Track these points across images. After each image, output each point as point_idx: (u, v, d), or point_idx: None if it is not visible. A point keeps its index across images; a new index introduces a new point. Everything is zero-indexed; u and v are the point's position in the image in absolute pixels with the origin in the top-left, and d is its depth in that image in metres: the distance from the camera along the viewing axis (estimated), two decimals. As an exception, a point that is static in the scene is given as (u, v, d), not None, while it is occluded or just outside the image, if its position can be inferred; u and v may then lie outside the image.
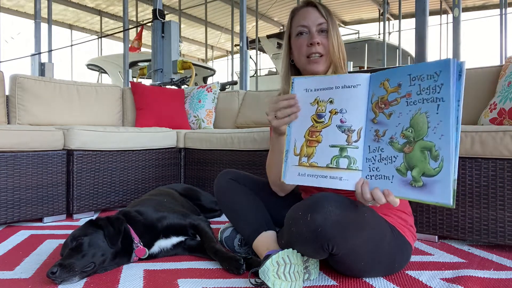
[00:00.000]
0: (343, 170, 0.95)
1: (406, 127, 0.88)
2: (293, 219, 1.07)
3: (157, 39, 4.16)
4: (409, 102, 0.88)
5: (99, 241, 1.26)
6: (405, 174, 0.88)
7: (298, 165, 1.02)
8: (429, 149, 0.84)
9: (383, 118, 0.92)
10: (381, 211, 1.18)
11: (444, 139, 0.81)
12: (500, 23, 6.84)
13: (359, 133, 0.95)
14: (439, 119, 0.82)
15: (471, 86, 2.07)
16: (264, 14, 11.14)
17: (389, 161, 0.90)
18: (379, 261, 1.16)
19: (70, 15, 11.85)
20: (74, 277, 1.17)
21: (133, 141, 2.35)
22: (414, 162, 0.86)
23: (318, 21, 1.28)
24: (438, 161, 0.82)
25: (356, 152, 0.95)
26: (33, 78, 2.58)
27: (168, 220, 1.46)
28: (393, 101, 0.91)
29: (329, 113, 0.99)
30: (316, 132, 1.01)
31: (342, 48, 1.30)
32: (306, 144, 1.02)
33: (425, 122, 0.85)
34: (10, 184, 1.90)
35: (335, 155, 0.97)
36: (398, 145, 0.89)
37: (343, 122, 0.97)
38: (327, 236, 1.00)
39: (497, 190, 1.49)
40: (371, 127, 0.94)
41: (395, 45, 9.37)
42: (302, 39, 1.29)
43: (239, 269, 1.25)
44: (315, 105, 1.02)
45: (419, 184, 0.85)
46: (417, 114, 0.86)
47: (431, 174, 0.83)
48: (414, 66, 0.88)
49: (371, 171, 0.93)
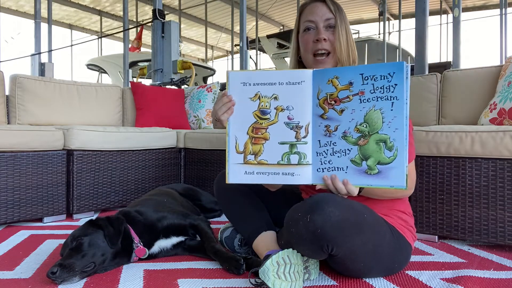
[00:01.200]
0: (295, 166, 1.00)
1: (360, 122, 0.95)
2: (293, 220, 1.07)
3: (157, 39, 4.16)
4: (362, 100, 0.95)
5: (99, 241, 1.26)
6: (360, 164, 0.96)
7: (244, 163, 1.03)
8: (384, 141, 0.93)
9: (333, 114, 0.98)
10: (381, 212, 1.18)
11: (398, 132, 0.92)
12: (500, 23, 6.84)
13: (307, 129, 1.00)
14: (393, 115, 0.92)
15: (471, 86, 2.07)
16: (264, 14, 11.14)
17: (342, 153, 0.97)
18: (379, 262, 1.16)
19: (70, 15, 11.85)
20: (74, 277, 1.17)
21: (133, 141, 2.35)
22: (370, 152, 0.95)
23: (326, 16, 1.24)
24: (392, 151, 0.93)
25: (306, 147, 0.99)
26: (33, 78, 2.58)
27: (168, 220, 1.46)
28: (345, 98, 0.97)
29: (275, 110, 1.01)
30: (262, 129, 1.02)
31: (351, 46, 1.26)
32: (251, 142, 1.03)
33: (380, 118, 0.94)
34: (10, 184, 1.90)
35: (285, 152, 1.00)
36: (352, 138, 0.96)
37: (290, 119, 1.00)
38: (326, 237, 1.00)
39: (497, 190, 1.49)
40: (320, 123, 0.99)
41: (395, 45, 9.37)
42: (309, 35, 1.26)
43: (239, 269, 1.25)
44: (256, 101, 1.03)
45: (374, 171, 0.94)
46: (371, 111, 0.94)
47: (386, 162, 0.93)
48: (366, 66, 0.95)
49: (323, 164, 0.99)
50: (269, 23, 12.12)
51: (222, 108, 1.04)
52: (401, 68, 0.91)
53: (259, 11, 10.05)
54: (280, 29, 12.42)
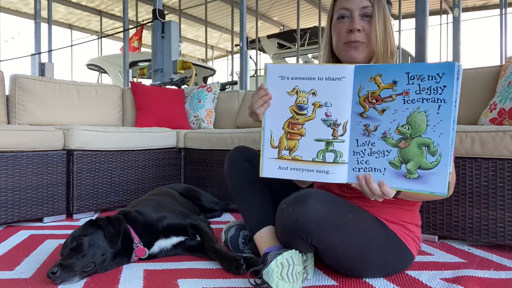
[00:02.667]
0: (330, 164, 0.97)
1: (402, 124, 0.90)
2: (279, 211, 1.09)
3: (157, 39, 4.16)
4: (406, 100, 0.90)
5: (99, 241, 1.26)
6: (399, 167, 0.92)
7: (278, 158, 1.01)
8: (427, 145, 0.88)
9: (374, 113, 0.93)
10: (384, 217, 1.18)
11: (444, 136, 0.86)
12: (500, 23, 6.84)
13: (345, 127, 0.96)
14: (439, 118, 0.86)
15: (471, 86, 2.07)
16: (264, 14, 11.14)
17: (381, 154, 0.93)
18: (367, 263, 1.15)
19: (70, 15, 11.85)
20: (74, 277, 1.17)
21: (133, 141, 2.35)
22: (410, 156, 0.90)
23: (363, 4, 1.13)
24: (435, 156, 0.87)
25: (342, 146, 0.96)
26: (33, 78, 2.58)
27: (168, 220, 1.46)
28: (387, 98, 0.92)
29: (313, 105, 0.97)
30: (298, 124, 0.99)
31: (390, 38, 1.16)
32: (286, 137, 1.01)
33: (424, 121, 0.88)
34: (10, 184, 1.90)
35: (321, 149, 0.97)
36: (393, 140, 0.92)
37: (328, 116, 0.97)
38: (305, 229, 1.02)
39: (497, 190, 1.49)
40: (359, 121, 0.95)
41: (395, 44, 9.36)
42: (342, 24, 1.16)
43: (239, 269, 1.25)
44: (294, 95, 0.99)
45: (414, 176, 0.90)
46: (415, 112, 0.89)
47: (428, 167, 0.88)
48: (413, 65, 0.89)
49: (359, 164, 0.95)
50: (269, 23, 12.11)
51: (259, 102, 1.01)
52: (452, 69, 0.84)
53: (259, 11, 10.05)
54: (280, 29, 12.41)
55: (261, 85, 1.03)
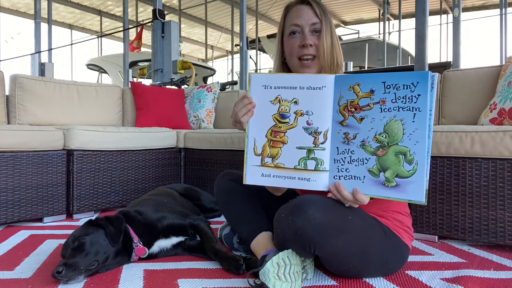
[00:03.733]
0: (311, 172, 0.98)
1: (380, 132, 0.92)
2: (277, 220, 1.10)
3: (157, 39, 4.16)
4: (383, 109, 0.92)
5: (100, 240, 1.27)
6: (377, 175, 0.93)
7: (261, 165, 1.03)
8: (404, 154, 0.90)
9: (353, 121, 0.95)
10: (376, 213, 1.18)
11: (419, 145, 0.88)
12: (500, 23, 6.84)
13: (326, 135, 0.98)
14: (415, 127, 0.88)
15: (471, 86, 2.07)
16: (264, 14, 11.14)
17: (360, 162, 0.95)
18: (369, 263, 1.16)
19: (70, 15, 11.85)
20: (79, 276, 1.18)
21: (133, 141, 2.35)
22: (388, 164, 0.92)
23: (312, 20, 1.22)
24: (412, 165, 0.89)
25: (323, 154, 0.97)
26: (33, 78, 2.58)
27: (167, 220, 1.46)
28: (365, 106, 0.94)
29: (294, 114, 1.00)
30: (280, 132, 1.01)
31: (335, 50, 1.24)
32: (269, 144, 1.02)
33: (401, 129, 0.90)
34: (10, 184, 1.90)
35: (302, 157, 0.99)
36: (371, 148, 0.94)
37: (309, 124, 0.99)
38: (307, 239, 1.02)
39: (497, 190, 1.49)
40: (339, 129, 0.97)
41: (395, 45, 9.37)
42: (294, 39, 1.24)
43: (238, 269, 1.25)
44: (276, 104, 1.02)
45: (392, 184, 0.91)
46: (392, 121, 0.91)
47: (405, 175, 0.90)
48: (389, 74, 0.92)
49: (340, 172, 0.97)
50: (269, 23, 12.11)
51: (243, 110, 1.04)
52: (425, 78, 0.87)
53: (259, 11, 10.05)
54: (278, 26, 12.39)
55: (245, 94, 1.06)
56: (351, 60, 6.40)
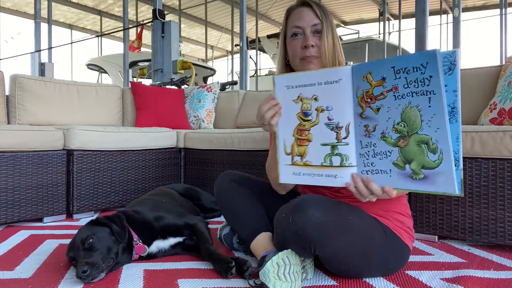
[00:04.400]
0: (337, 168, 0.95)
1: (398, 121, 0.86)
2: (277, 220, 1.10)
3: (157, 39, 4.16)
4: (396, 96, 0.86)
5: (108, 237, 1.28)
6: (403, 167, 0.87)
7: (292, 164, 1.02)
8: (426, 143, 0.83)
9: (371, 112, 0.90)
10: (377, 213, 1.18)
11: (441, 132, 0.80)
12: (500, 23, 6.84)
13: (347, 129, 0.94)
14: (432, 112, 0.81)
15: (471, 86, 2.07)
16: (264, 14, 11.14)
17: (383, 155, 0.89)
18: (369, 263, 1.16)
19: (70, 15, 11.85)
20: (102, 273, 1.20)
21: (133, 141, 2.35)
22: (411, 155, 0.85)
23: (313, 22, 1.24)
24: (437, 154, 0.81)
25: (347, 149, 0.94)
26: (33, 78, 2.58)
27: (164, 220, 1.46)
28: (379, 95, 0.88)
29: (316, 111, 0.98)
30: (305, 130, 1.00)
31: (337, 51, 1.26)
32: (297, 143, 1.02)
33: (418, 116, 0.83)
34: (10, 184, 1.90)
35: (327, 153, 0.97)
36: (391, 139, 0.88)
37: (330, 120, 0.96)
38: (308, 239, 1.03)
39: (497, 190, 1.49)
40: (360, 122, 0.92)
41: (395, 45, 9.37)
42: (296, 41, 1.26)
43: (227, 273, 1.22)
44: (299, 103, 1.01)
45: (420, 176, 0.84)
46: (408, 108, 0.84)
47: (432, 166, 0.83)
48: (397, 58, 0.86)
49: (366, 166, 0.93)
50: (269, 23, 12.11)
51: (270, 112, 1.04)
52: (433, 57, 0.78)
53: (259, 11, 10.05)
54: (280, 29, 12.40)
55: (272, 96, 1.06)
56: (351, 60, 6.40)
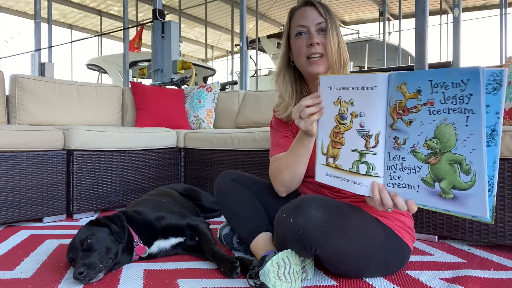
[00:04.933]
0: (363, 176, 0.93)
1: (430, 137, 0.82)
2: (278, 220, 1.10)
3: (157, 39, 4.16)
4: (431, 111, 0.81)
5: (107, 237, 1.28)
6: (432, 185, 0.83)
7: (326, 164, 1.02)
8: (459, 162, 0.78)
9: (402, 125, 0.86)
10: (378, 213, 1.18)
11: (476, 153, 0.76)
12: (500, 23, 6.85)
13: (377, 139, 0.91)
14: (469, 132, 0.76)
15: (471, 86, 2.07)
16: (264, 14, 11.14)
17: (412, 170, 0.86)
18: (369, 263, 1.16)
19: (70, 15, 11.86)
20: (100, 273, 1.20)
21: (133, 141, 2.35)
22: (442, 174, 0.81)
23: (317, 20, 1.25)
24: (470, 175, 0.77)
25: (375, 158, 0.91)
26: (33, 78, 2.58)
27: (166, 220, 1.46)
28: (413, 108, 0.83)
29: (350, 115, 0.96)
30: (339, 133, 0.99)
31: (342, 49, 1.26)
32: (332, 145, 1.01)
33: (453, 134, 0.78)
34: (10, 184, 1.90)
35: (355, 160, 0.94)
36: (422, 155, 0.84)
37: (362, 127, 0.93)
38: (308, 239, 1.03)
39: (497, 190, 1.49)
40: (390, 133, 0.89)
41: (395, 45, 9.37)
42: (301, 40, 1.26)
43: (232, 272, 1.23)
44: (338, 105, 0.99)
45: (450, 196, 0.81)
46: (443, 125, 0.80)
47: (463, 187, 0.79)
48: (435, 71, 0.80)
49: (393, 179, 0.89)
50: (269, 23, 12.11)
51: (313, 108, 1.03)
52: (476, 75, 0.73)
53: (259, 11, 10.05)
54: (280, 29, 12.41)
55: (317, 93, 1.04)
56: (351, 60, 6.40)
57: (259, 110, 2.93)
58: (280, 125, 1.38)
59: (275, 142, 1.37)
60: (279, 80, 1.35)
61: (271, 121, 1.43)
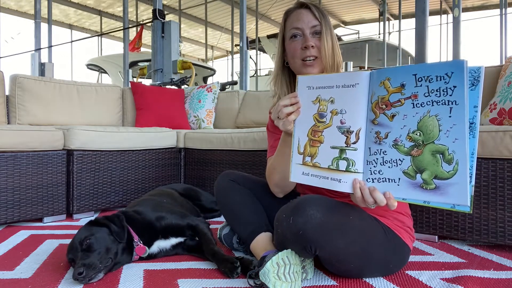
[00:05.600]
0: (342, 172, 0.94)
1: (413, 129, 0.84)
2: (278, 221, 1.10)
3: (157, 39, 4.16)
4: (415, 104, 0.84)
5: (107, 237, 1.28)
6: (413, 177, 0.85)
7: (302, 164, 1.03)
8: (442, 153, 0.81)
9: (384, 119, 0.88)
10: (377, 213, 1.18)
11: (459, 142, 0.79)
12: (500, 23, 6.85)
13: (358, 135, 0.93)
14: (452, 122, 0.80)
15: (471, 86, 2.07)
16: (264, 14, 11.15)
17: (393, 164, 0.87)
18: (369, 263, 1.16)
19: (70, 15, 11.86)
20: (99, 273, 1.20)
21: (133, 141, 2.35)
22: (424, 165, 0.83)
23: (312, 23, 1.26)
24: (452, 164, 0.80)
25: (355, 154, 0.93)
26: (33, 78, 2.58)
27: (166, 220, 1.46)
28: (396, 102, 0.87)
29: (330, 113, 0.98)
30: (318, 132, 1.00)
31: (335, 51, 1.27)
32: (309, 144, 1.02)
33: (436, 125, 0.81)
34: (10, 184, 1.90)
35: (335, 157, 0.96)
36: (404, 148, 0.86)
37: (342, 123, 0.95)
38: (308, 239, 1.03)
39: (497, 190, 1.49)
40: (371, 129, 0.91)
41: (395, 45, 9.37)
42: (296, 42, 1.27)
43: (232, 272, 1.23)
44: (316, 104, 1.01)
45: (431, 186, 0.83)
46: (426, 117, 0.83)
47: (445, 177, 0.81)
48: (420, 66, 0.84)
49: (373, 174, 0.91)
50: (269, 23, 12.12)
51: (290, 108, 1.04)
52: (460, 68, 0.77)
53: (259, 11, 10.05)
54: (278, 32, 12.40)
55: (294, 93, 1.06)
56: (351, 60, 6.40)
57: (259, 110, 2.93)
58: (275, 127, 1.38)
59: (271, 144, 1.38)
60: (277, 82, 1.36)
61: (268, 124, 1.44)
